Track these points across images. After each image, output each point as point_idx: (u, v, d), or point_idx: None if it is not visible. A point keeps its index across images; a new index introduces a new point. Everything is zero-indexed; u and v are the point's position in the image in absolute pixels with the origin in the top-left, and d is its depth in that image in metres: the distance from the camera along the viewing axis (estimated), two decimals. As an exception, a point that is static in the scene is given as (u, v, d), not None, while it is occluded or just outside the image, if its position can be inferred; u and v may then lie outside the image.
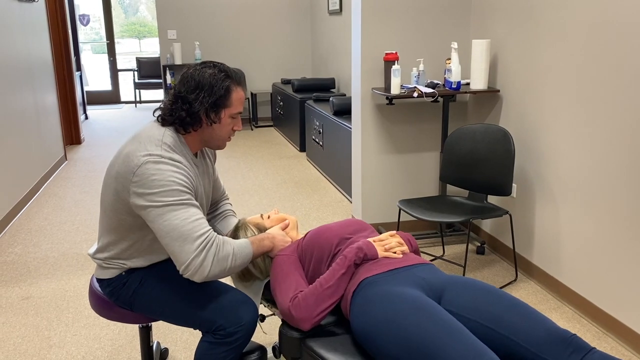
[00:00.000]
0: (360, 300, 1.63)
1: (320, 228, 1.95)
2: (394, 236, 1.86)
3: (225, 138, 1.88)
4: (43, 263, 3.56)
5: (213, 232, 1.72)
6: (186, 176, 1.75)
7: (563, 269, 2.93)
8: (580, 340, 1.48)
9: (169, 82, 7.71)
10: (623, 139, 2.47)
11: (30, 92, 5.09)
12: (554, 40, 2.86)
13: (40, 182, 5.15)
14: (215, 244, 1.69)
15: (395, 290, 1.59)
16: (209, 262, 1.66)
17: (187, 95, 1.78)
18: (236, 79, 1.84)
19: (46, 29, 5.86)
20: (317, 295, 1.68)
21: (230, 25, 7.94)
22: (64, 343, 2.65)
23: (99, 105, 10.46)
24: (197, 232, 1.67)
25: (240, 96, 1.85)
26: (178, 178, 1.71)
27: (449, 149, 3.32)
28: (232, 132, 1.89)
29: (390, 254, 1.78)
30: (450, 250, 3.62)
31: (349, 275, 1.72)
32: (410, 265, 1.74)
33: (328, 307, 1.68)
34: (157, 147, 1.76)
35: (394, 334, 1.49)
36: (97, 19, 13.47)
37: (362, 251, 1.74)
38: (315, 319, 1.67)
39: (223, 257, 1.69)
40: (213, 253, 1.67)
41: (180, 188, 1.71)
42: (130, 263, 1.87)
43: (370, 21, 3.52)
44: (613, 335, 2.61)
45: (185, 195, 1.71)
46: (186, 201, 1.71)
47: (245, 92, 1.89)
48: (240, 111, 1.87)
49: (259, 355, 1.88)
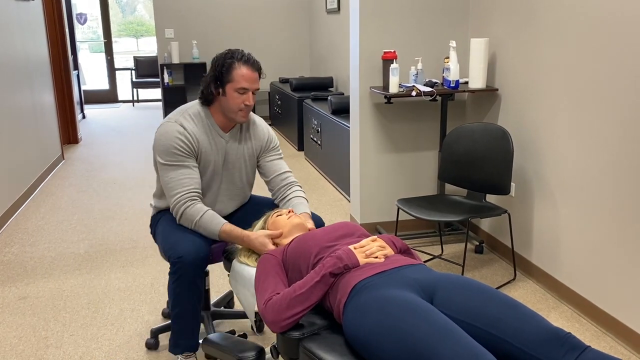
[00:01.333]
0: (352, 306, 1.61)
1: (305, 235, 1.93)
2: (375, 240, 1.84)
3: (235, 110, 2.23)
4: (40, 263, 3.55)
5: (190, 193, 2.20)
6: (187, 142, 2.21)
7: (562, 268, 2.93)
8: (575, 339, 1.47)
9: (166, 81, 7.69)
10: (622, 138, 2.46)
11: (28, 91, 5.07)
12: (553, 39, 2.86)
13: (38, 182, 5.13)
14: (184, 205, 2.20)
15: (388, 294, 1.57)
16: (179, 214, 2.22)
17: (205, 74, 2.28)
18: (241, 59, 2.21)
19: (43, 27, 5.84)
20: (289, 300, 1.68)
21: (228, 24, 7.93)
22: (61, 343, 2.64)
23: (97, 105, 10.44)
24: (175, 190, 2.21)
25: (243, 73, 2.19)
26: (177, 143, 2.20)
27: (447, 148, 3.31)
28: (243, 106, 2.23)
29: (372, 260, 1.75)
30: (449, 249, 3.61)
31: (325, 285, 1.70)
32: (399, 267, 1.73)
33: (299, 313, 1.67)
34: (179, 115, 2.26)
35: (389, 337, 1.47)
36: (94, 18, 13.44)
37: (342, 261, 1.71)
38: (284, 322, 1.67)
39: (186, 218, 2.21)
40: (182, 210, 2.20)
41: (176, 151, 2.20)
42: (160, 206, 2.43)
43: (368, 20, 3.51)
44: (612, 335, 2.61)
45: (178, 157, 2.21)
46: (178, 163, 2.21)
47: (252, 71, 2.22)
48: (244, 87, 2.20)
49: (256, 355, 1.87)
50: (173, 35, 7.80)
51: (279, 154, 2.52)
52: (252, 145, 2.44)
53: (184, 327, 2.25)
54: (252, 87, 2.23)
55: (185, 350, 2.29)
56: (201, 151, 2.30)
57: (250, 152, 2.44)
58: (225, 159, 2.38)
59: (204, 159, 2.31)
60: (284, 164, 2.50)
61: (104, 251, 3.71)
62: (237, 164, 2.42)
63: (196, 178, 2.26)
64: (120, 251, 3.70)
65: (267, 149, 2.48)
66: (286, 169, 2.49)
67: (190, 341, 2.28)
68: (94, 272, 3.39)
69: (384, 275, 1.67)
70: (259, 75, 2.27)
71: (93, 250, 3.72)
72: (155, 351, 2.55)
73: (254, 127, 2.45)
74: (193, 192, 2.23)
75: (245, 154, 2.43)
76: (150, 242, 3.83)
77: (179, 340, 2.27)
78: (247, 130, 2.43)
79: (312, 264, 1.83)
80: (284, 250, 1.96)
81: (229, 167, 2.41)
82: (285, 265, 1.92)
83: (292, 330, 1.72)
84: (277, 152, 2.51)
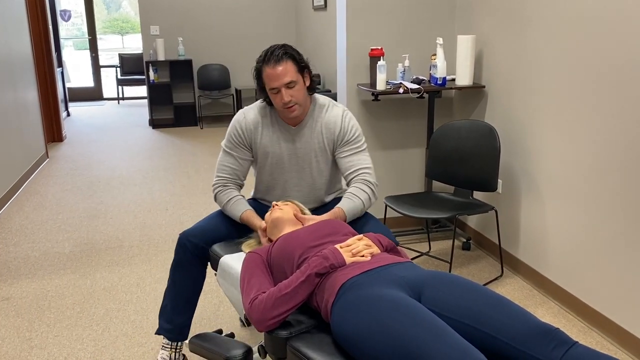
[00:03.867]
0: (340, 306, 1.60)
1: (289, 235, 1.91)
2: (361, 239, 1.83)
3: (280, 109, 2.20)
4: (24, 263, 3.50)
5: (224, 179, 2.33)
6: (241, 131, 2.29)
7: (548, 264, 2.94)
8: (563, 334, 1.47)
9: (151, 78, 7.63)
10: (608, 135, 2.47)
11: (10, 89, 4.99)
12: (540, 36, 2.86)
13: (21, 180, 5.06)
14: (216, 190, 2.34)
15: (376, 292, 1.56)
16: (213, 195, 2.37)
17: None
18: (264, 60, 2.16)
19: (26, 24, 5.76)
20: (274, 299, 1.67)
21: (214, 21, 7.88)
22: (46, 344, 2.61)
23: (81, 102, 10.34)
24: (217, 173, 2.35)
25: (267, 74, 2.15)
26: (234, 131, 2.30)
27: (434, 145, 3.31)
28: (282, 105, 2.16)
29: (358, 259, 1.74)
30: (436, 246, 3.62)
31: (310, 285, 1.69)
32: (386, 265, 1.72)
33: (284, 312, 1.67)
34: (251, 106, 2.33)
35: (378, 336, 1.46)
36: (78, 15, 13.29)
37: (328, 260, 1.70)
38: (269, 322, 1.67)
39: (219, 201, 2.34)
40: (214, 193, 2.35)
41: (230, 139, 2.31)
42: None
43: (355, 16, 3.50)
44: (598, 330, 2.62)
45: (230, 145, 2.32)
46: (228, 150, 2.33)
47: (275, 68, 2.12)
48: (272, 87, 2.14)
49: (244, 354, 1.86)
50: (158, 32, 7.73)
51: (355, 147, 2.26)
52: (324, 139, 2.28)
53: (165, 305, 2.34)
54: (280, 84, 2.12)
55: (161, 331, 2.35)
56: (257, 142, 2.29)
57: (321, 147, 2.29)
58: (293, 153, 2.30)
59: (261, 149, 2.30)
60: (357, 158, 2.25)
61: (89, 250, 3.67)
62: (307, 158, 2.30)
63: (237, 169, 2.33)
64: (106, 250, 3.66)
65: (341, 142, 2.27)
66: (358, 166, 2.24)
67: (165, 323, 2.34)
68: (79, 272, 3.35)
69: (371, 274, 1.66)
70: (293, 62, 2.14)
71: (78, 250, 3.68)
72: (143, 346, 2.53)
73: (327, 120, 2.27)
74: (228, 179, 2.33)
75: (316, 147, 2.29)
76: (136, 241, 3.80)
77: (159, 318, 2.36)
78: (319, 122, 2.28)
79: (296, 264, 1.81)
80: (269, 249, 1.94)
81: (298, 162, 2.31)
82: (270, 264, 1.90)
83: (280, 329, 1.70)
84: (354, 145, 2.26)
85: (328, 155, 2.32)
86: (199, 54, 7.95)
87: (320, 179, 2.36)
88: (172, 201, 4.65)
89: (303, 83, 2.19)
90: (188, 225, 4.07)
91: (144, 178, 5.34)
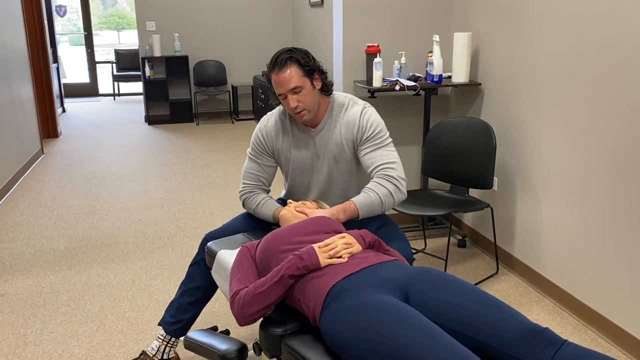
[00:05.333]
0: (329, 314, 1.57)
1: (272, 233, 1.89)
2: (343, 237, 1.77)
3: (291, 113, 2.18)
4: (18, 259, 3.49)
5: (250, 186, 2.34)
6: (262, 139, 2.31)
7: (544, 262, 2.95)
8: (552, 334, 1.45)
9: (147, 74, 7.61)
10: (604, 133, 2.48)
11: (5, 85, 4.97)
12: (536, 34, 2.86)
13: (16, 177, 5.04)
14: (244, 196, 2.35)
15: (364, 299, 1.53)
16: (241, 202, 2.38)
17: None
18: (272, 66, 2.13)
19: (21, 19, 5.73)
20: (250, 297, 1.68)
21: (210, 17, 7.86)
22: (40, 341, 2.60)
23: (77, 98, 10.30)
24: (243, 180, 2.37)
25: (274, 80, 2.13)
26: (256, 139, 2.33)
27: (430, 142, 3.31)
28: (291, 109, 2.15)
29: (335, 261, 1.69)
30: (432, 243, 3.62)
31: (284, 285, 1.68)
32: (371, 266, 1.68)
33: (260, 310, 1.68)
34: (272, 112, 2.35)
35: (370, 344, 1.44)
36: (74, 10, 13.24)
37: (303, 261, 1.67)
38: (246, 319, 1.69)
39: (248, 207, 2.35)
40: (242, 200, 2.37)
41: (254, 146, 2.34)
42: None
43: (352, 13, 3.49)
44: (593, 328, 2.63)
45: (253, 152, 2.35)
46: (253, 157, 2.35)
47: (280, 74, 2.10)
48: (279, 93, 2.14)
49: (239, 352, 1.86)
50: (155, 28, 7.71)
51: (377, 143, 2.17)
52: (342, 140, 2.22)
53: (173, 300, 2.38)
54: (286, 90, 2.09)
55: (162, 322, 2.38)
56: (278, 148, 2.31)
57: (340, 147, 2.23)
58: (314, 155, 2.26)
59: (283, 155, 2.31)
60: (377, 155, 2.16)
61: (84, 247, 3.66)
62: (327, 160, 2.25)
63: (262, 175, 2.35)
64: (101, 247, 3.65)
65: (361, 140, 2.19)
66: (380, 161, 2.15)
67: (168, 316, 2.36)
68: (74, 269, 3.34)
69: (357, 277, 1.63)
70: (298, 66, 2.08)
71: (73, 247, 3.67)
72: (138, 343, 2.53)
73: (346, 119, 2.22)
74: (253, 186, 2.35)
75: (335, 149, 2.23)
76: (132, 238, 3.79)
77: (166, 309, 2.40)
78: (338, 122, 2.23)
79: (278, 261, 1.80)
80: (256, 244, 1.95)
81: (320, 165, 2.27)
82: (255, 259, 1.91)
83: (275, 326, 1.70)
84: (374, 141, 2.18)
85: (349, 155, 2.23)
86: (195, 50, 7.92)
87: (349, 180, 2.29)
88: (168, 198, 4.64)
89: (312, 86, 2.13)
90: (184, 222, 4.07)
91: (140, 174, 5.33)
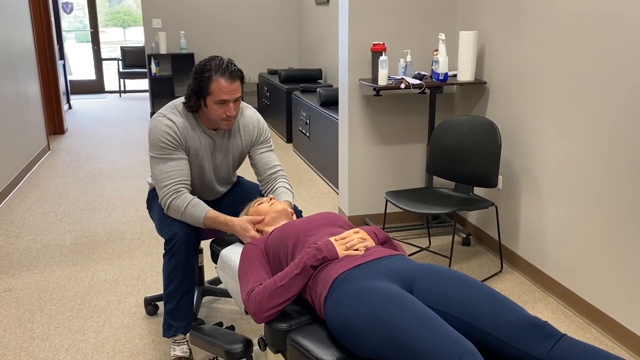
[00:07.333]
0: (332, 299, 1.62)
1: (284, 226, 1.95)
2: (357, 232, 1.84)
3: (217, 120, 2.25)
4: (25, 254, 3.51)
5: (177, 185, 2.24)
6: (174, 135, 2.25)
7: (548, 260, 2.95)
8: (552, 328, 1.50)
9: (153, 71, 7.63)
10: (609, 131, 2.48)
11: (12, 82, 5.00)
12: (541, 32, 2.86)
13: (23, 173, 5.07)
14: (170, 197, 2.24)
15: (368, 285, 1.58)
16: (166, 206, 2.26)
17: (189, 82, 2.24)
18: (218, 70, 2.17)
19: (28, 16, 5.76)
20: (270, 291, 1.70)
21: (216, 14, 7.87)
22: (47, 335, 2.62)
23: (83, 95, 10.33)
24: (163, 182, 2.25)
25: (221, 85, 2.17)
26: (164, 137, 2.24)
27: (435, 140, 3.31)
28: (225, 116, 2.23)
29: (352, 252, 1.76)
30: (436, 241, 3.63)
31: (305, 276, 1.71)
32: (378, 258, 1.74)
33: (280, 304, 1.70)
34: (169, 110, 2.30)
35: (370, 327, 1.48)
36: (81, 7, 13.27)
37: (321, 253, 1.72)
38: (266, 314, 1.70)
39: (173, 210, 2.25)
40: (168, 203, 2.25)
41: (163, 145, 2.24)
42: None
43: (357, 11, 3.50)
44: (596, 326, 2.64)
45: (166, 151, 2.25)
46: (166, 156, 2.26)
47: (231, 82, 2.19)
48: (223, 99, 2.18)
49: (244, 347, 1.88)
50: (160, 26, 7.72)
51: (269, 146, 2.53)
52: (242, 142, 2.47)
53: (176, 306, 2.29)
54: (231, 98, 2.21)
55: (178, 331, 2.30)
56: (189, 145, 2.33)
57: (240, 149, 2.48)
58: (213, 155, 2.42)
59: (192, 152, 2.35)
60: (273, 156, 2.52)
61: (90, 243, 3.68)
62: (226, 160, 2.47)
63: (184, 169, 2.30)
64: (107, 243, 3.68)
65: (257, 142, 2.50)
66: (275, 162, 2.51)
67: (182, 322, 2.30)
68: (80, 264, 3.37)
69: (363, 268, 1.68)
70: (241, 82, 2.25)
71: (79, 242, 3.69)
72: (144, 338, 2.55)
73: (244, 122, 2.46)
74: (179, 184, 2.27)
75: (235, 150, 2.46)
76: (137, 234, 3.81)
77: (171, 322, 2.30)
78: (236, 124, 2.44)
79: (290, 254, 1.84)
80: (265, 240, 1.97)
81: (217, 162, 2.45)
82: (267, 255, 1.93)
83: (280, 322, 1.72)
84: (267, 144, 2.52)
85: (244, 153, 2.51)
86: (201, 48, 7.94)
87: (235, 170, 2.56)
88: (173, 194, 4.65)
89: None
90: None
91: (145, 171, 5.35)
